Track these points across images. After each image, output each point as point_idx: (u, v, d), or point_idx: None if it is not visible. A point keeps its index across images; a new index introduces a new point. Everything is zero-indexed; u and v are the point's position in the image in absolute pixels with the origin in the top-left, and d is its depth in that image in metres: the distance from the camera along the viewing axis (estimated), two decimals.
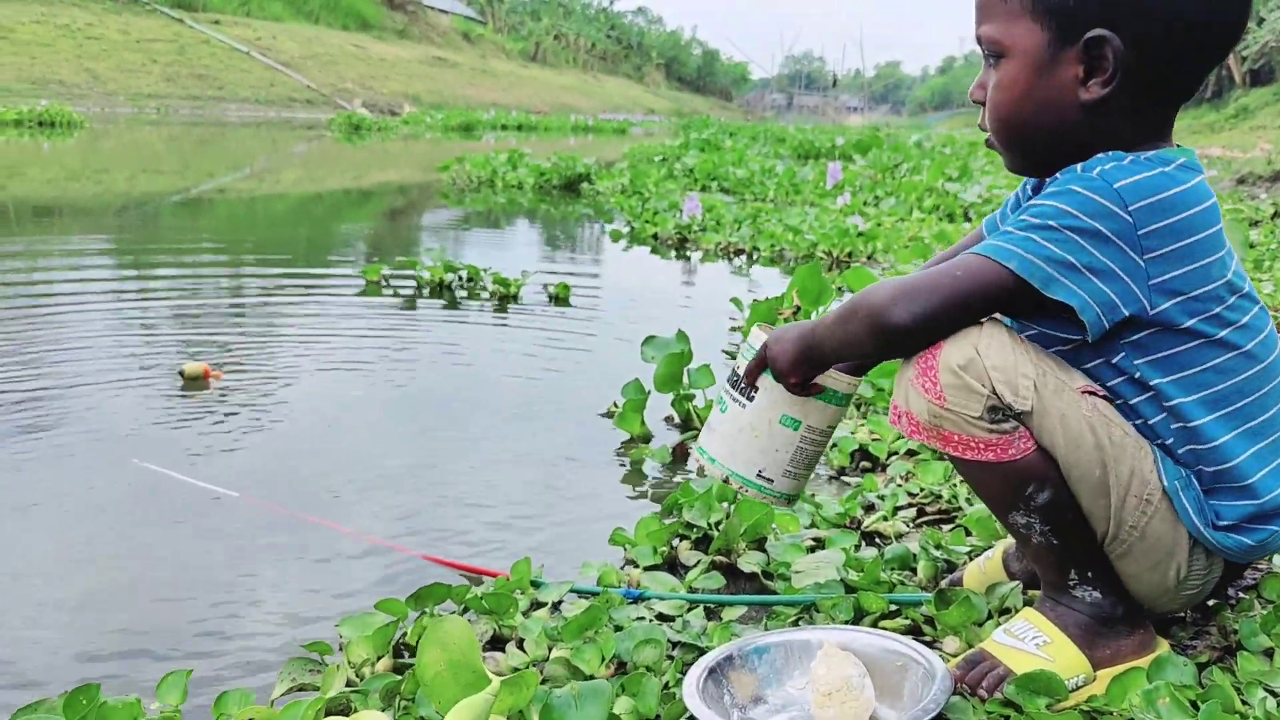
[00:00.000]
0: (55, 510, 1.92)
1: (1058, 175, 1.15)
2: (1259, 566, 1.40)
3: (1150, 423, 1.15)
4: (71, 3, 26.99)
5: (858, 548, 1.64)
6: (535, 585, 1.56)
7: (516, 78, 42.62)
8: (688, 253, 5.73)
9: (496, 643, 1.42)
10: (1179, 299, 1.10)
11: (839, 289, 3.49)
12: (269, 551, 1.78)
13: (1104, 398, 1.14)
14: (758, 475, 1.31)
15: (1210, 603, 1.28)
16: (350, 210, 8.36)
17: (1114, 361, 1.15)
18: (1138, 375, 1.14)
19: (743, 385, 1.32)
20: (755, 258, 5.49)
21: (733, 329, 3.53)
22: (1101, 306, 1.09)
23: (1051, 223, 1.09)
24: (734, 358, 3.08)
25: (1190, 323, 1.11)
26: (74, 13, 26.38)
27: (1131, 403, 1.16)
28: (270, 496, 1.99)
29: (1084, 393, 1.13)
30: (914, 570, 1.54)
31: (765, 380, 1.30)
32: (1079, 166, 1.13)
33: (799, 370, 1.25)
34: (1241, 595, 1.31)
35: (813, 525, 1.78)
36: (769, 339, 1.29)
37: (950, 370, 1.11)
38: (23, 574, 1.67)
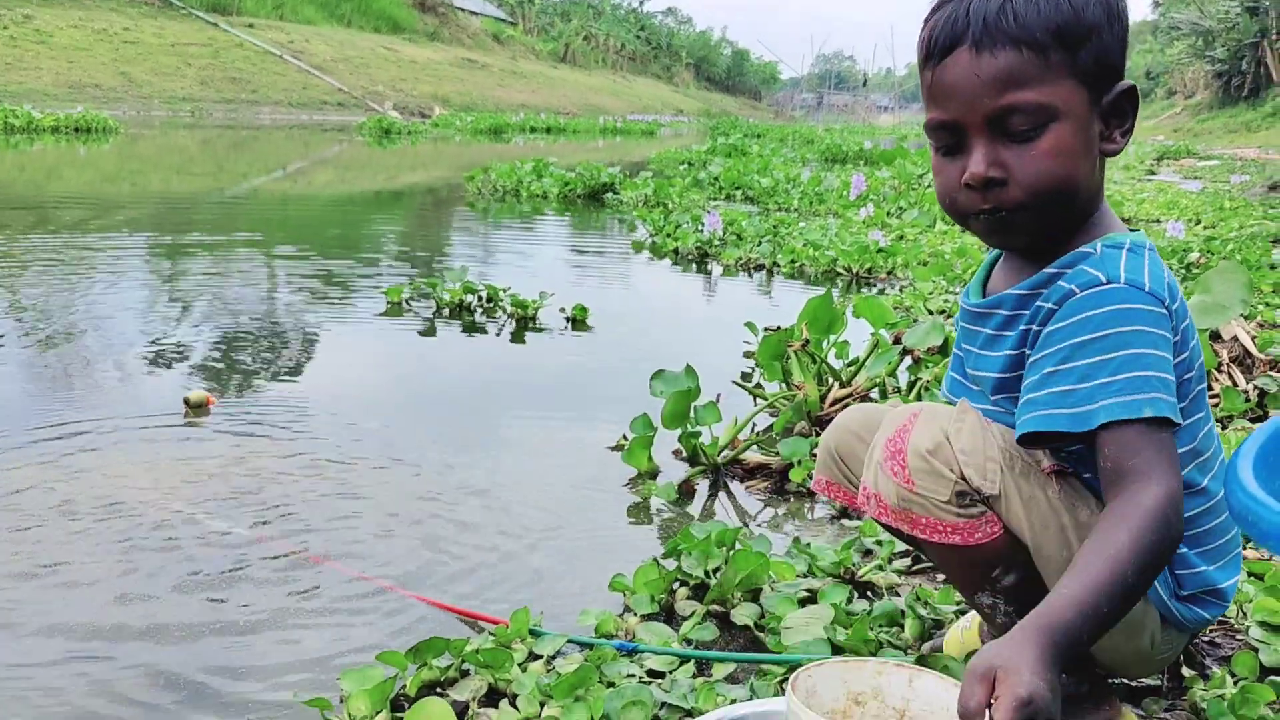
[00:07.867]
0: (65, 548, 1.98)
1: (1075, 290, 1.09)
2: (1234, 634, 1.43)
3: None
4: (109, 7, 27.41)
5: (849, 600, 1.67)
6: (534, 634, 1.60)
7: (546, 79, 42.76)
8: (708, 268, 5.76)
9: (493, 695, 1.46)
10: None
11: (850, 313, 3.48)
12: (277, 592, 1.83)
13: (1071, 474, 1.14)
14: None
15: (1185, 672, 1.31)
16: (377, 219, 8.44)
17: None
18: None
19: None
20: (775, 273, 5.52)
21: (746, 354, 3.56)
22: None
23: (1147, 351, 1.04)
24: (747, 389, 3.08)
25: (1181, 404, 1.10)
26: (111, 17, 26.78)
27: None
28: (280, 531, 2.05)
29: (1051, 472, 1.13)
30: (902, 626, 1.57)
31: None
32: (1102, 276, 1.08)
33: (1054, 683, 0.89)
34: (1214, 669, 1.33)
35: (809, 574, 1.81)
36: (998, 672, 0.88)
37: (919, 455, 1.11)
38: (19, 615, 1.74)
